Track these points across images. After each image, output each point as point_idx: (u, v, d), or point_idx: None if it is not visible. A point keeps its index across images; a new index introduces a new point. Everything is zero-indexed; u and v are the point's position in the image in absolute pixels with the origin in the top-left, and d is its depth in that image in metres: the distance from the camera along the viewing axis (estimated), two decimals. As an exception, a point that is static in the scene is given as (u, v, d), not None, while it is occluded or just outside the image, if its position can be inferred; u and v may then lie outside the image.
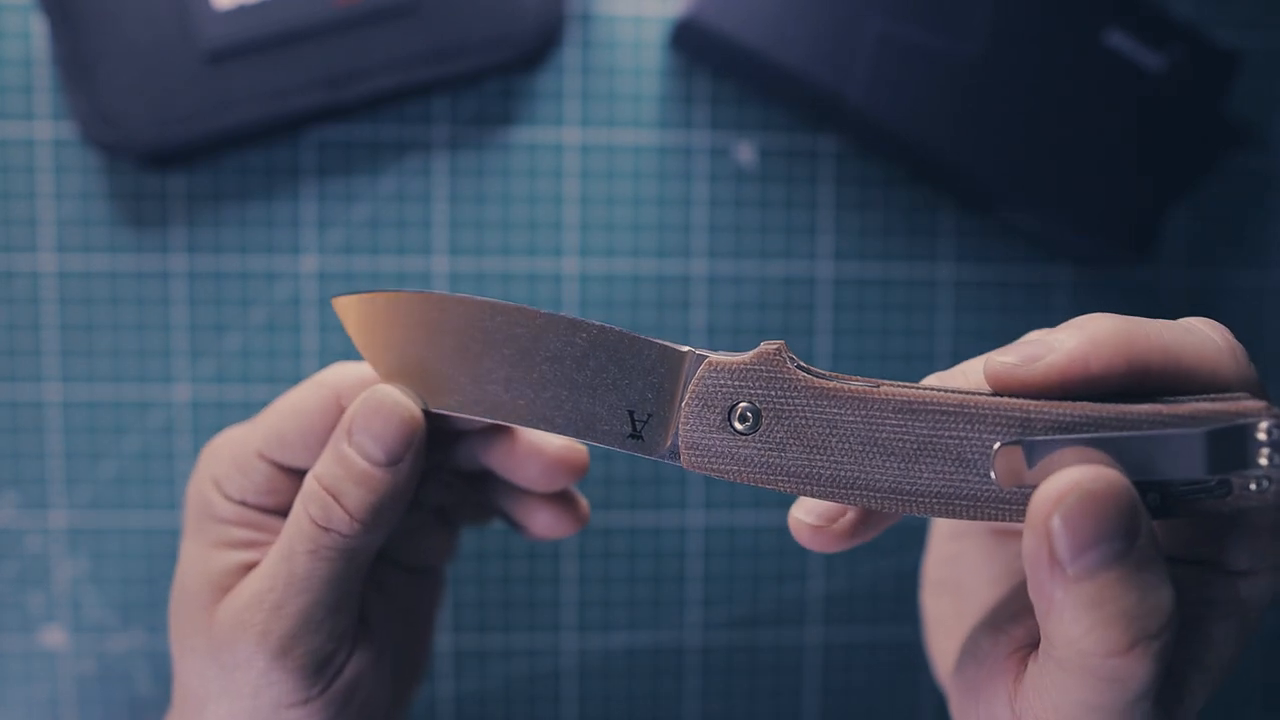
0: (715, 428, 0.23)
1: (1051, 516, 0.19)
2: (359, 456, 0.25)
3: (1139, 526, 0.19)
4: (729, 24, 0.39)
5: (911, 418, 0.21)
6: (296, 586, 0.25)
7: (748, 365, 0.23)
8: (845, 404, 0.22)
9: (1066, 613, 0.19)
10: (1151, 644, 0.19)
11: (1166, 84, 0.40)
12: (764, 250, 0.44)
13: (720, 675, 0.45)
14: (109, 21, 0.38)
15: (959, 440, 0.21)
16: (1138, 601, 0.19)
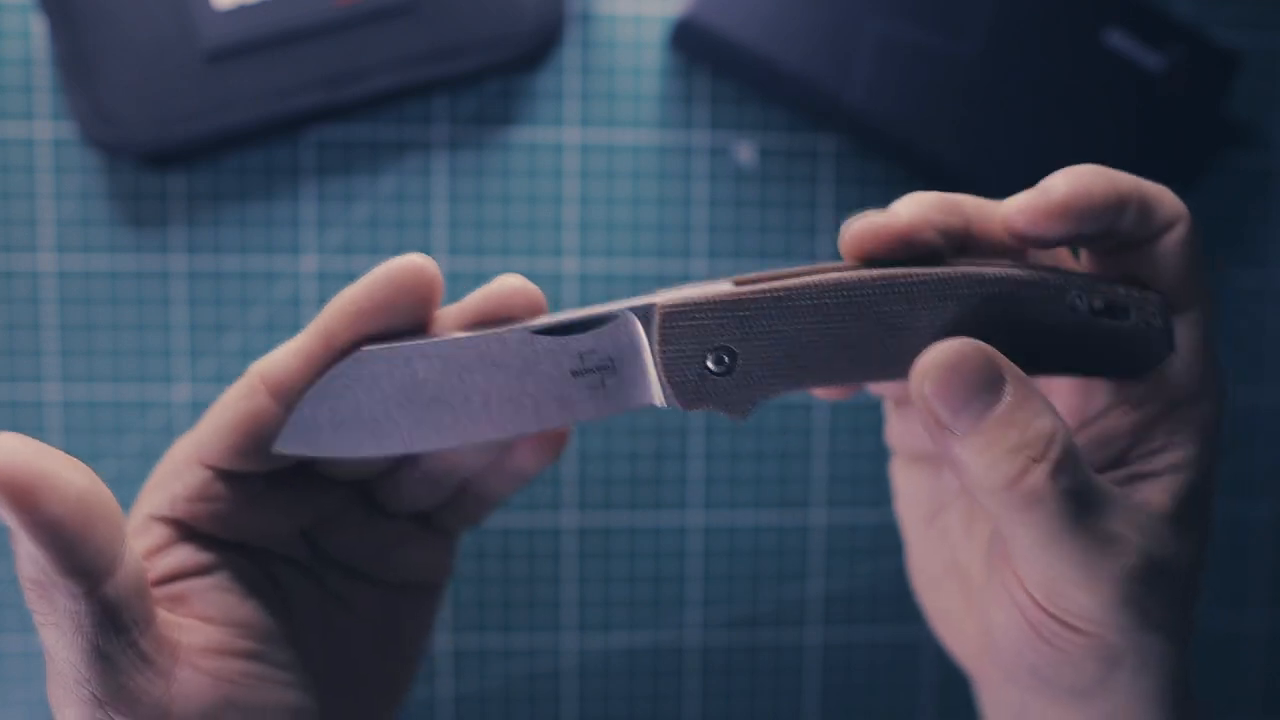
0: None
1: (922, 392, 0.22)
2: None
3: (1001, 377, 0.22)
4: (728, 24, 0.39)
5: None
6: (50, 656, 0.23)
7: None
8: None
9: (966, 462, 0.22)
10: (1043, 464, 0.22)
11: (1166, 84, 0.40)
12: (764, 250, 0.44)
13: (720, 675, 0.45)
14: (109, 21, 0.38)
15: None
16: (1020, 435, 0.22)
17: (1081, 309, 0.23)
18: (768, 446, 0.44)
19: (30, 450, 0.20)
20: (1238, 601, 0.46)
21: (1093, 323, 0.23)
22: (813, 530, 0.45)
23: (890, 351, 0.23)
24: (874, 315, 0.23)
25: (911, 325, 0.23)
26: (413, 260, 0.25)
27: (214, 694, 0.24)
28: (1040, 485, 0.22)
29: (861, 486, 0.45)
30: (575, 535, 0.44)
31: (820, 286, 0.23)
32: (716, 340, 0.23)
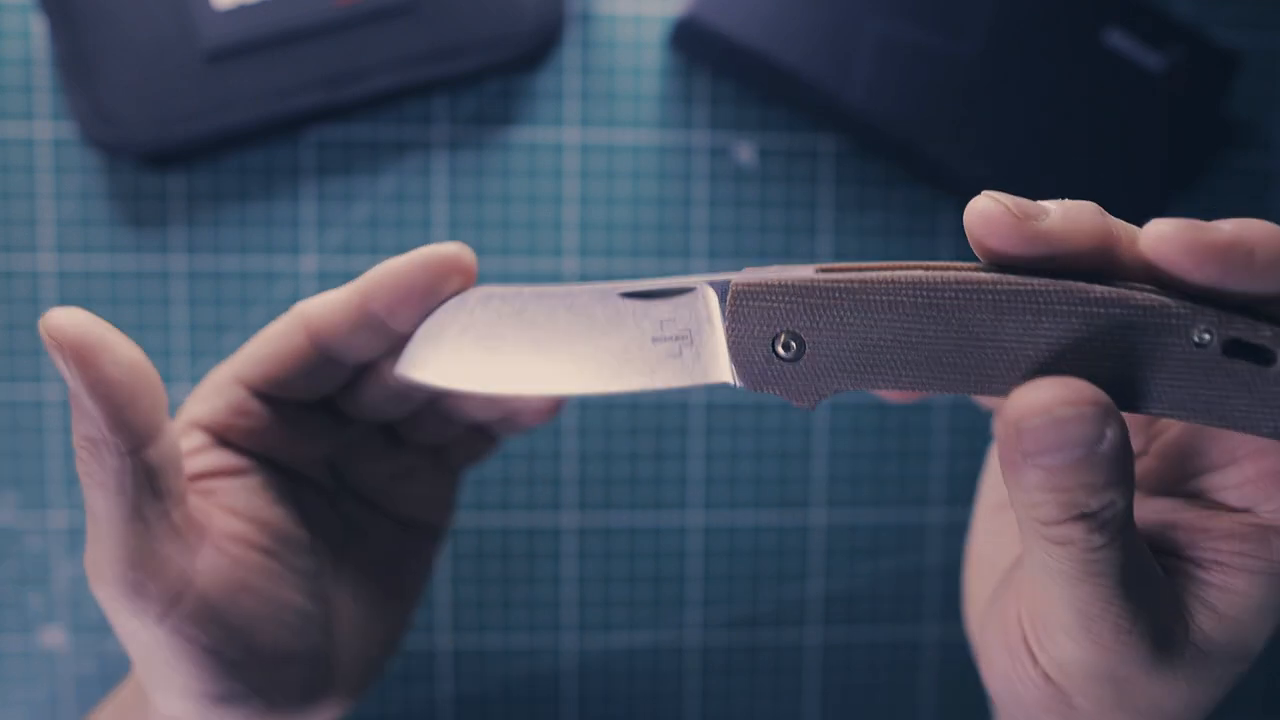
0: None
1: (1021, 421, 0.19)
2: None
3: (1102, 436, 0.19)
4: (728, 23, 0.39)
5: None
6: (106, 523, 0.25)
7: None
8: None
9: (1022, 486, 0.20)
10: (1098, 529, 0.20)
11: (1166, 84, 0.40)
12: (764, 250, 0.44)
13: (720, 675, 0.45)
14: (108, 21, 0.38)
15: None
16: (1084, 493, 0.19)
17: (1210, 346, 0.20)
18: (768, 446, 0.44)
19: (92, 320, 0.23)
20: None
21: (1222, 364, 0.20)
22: (813, 530, 0.45)
23: (969, 363, 0.21)
24: (955, 321, 0.21)
25: (996, 338, 0.21)
26: (459, 250, 0.26)
27: (232, 575, 0.26)
28: (1080, 535, 0.20)
29: (861, 486, 0.45)
30: (575, 535, 0.44)
31: (900, 283, 0.21)
32: (785, 325, 0.22)
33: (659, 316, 0.24)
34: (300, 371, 0.27)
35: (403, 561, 0.32)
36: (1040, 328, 0.20)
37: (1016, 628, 0.24)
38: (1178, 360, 0.20)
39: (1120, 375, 0.20)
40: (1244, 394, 0.20)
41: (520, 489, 0.43)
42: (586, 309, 0.25)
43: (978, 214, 0.20)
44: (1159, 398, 0.20)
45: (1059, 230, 0.20)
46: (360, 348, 0.27)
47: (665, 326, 0.24)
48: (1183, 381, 0.20)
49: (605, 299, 0.25)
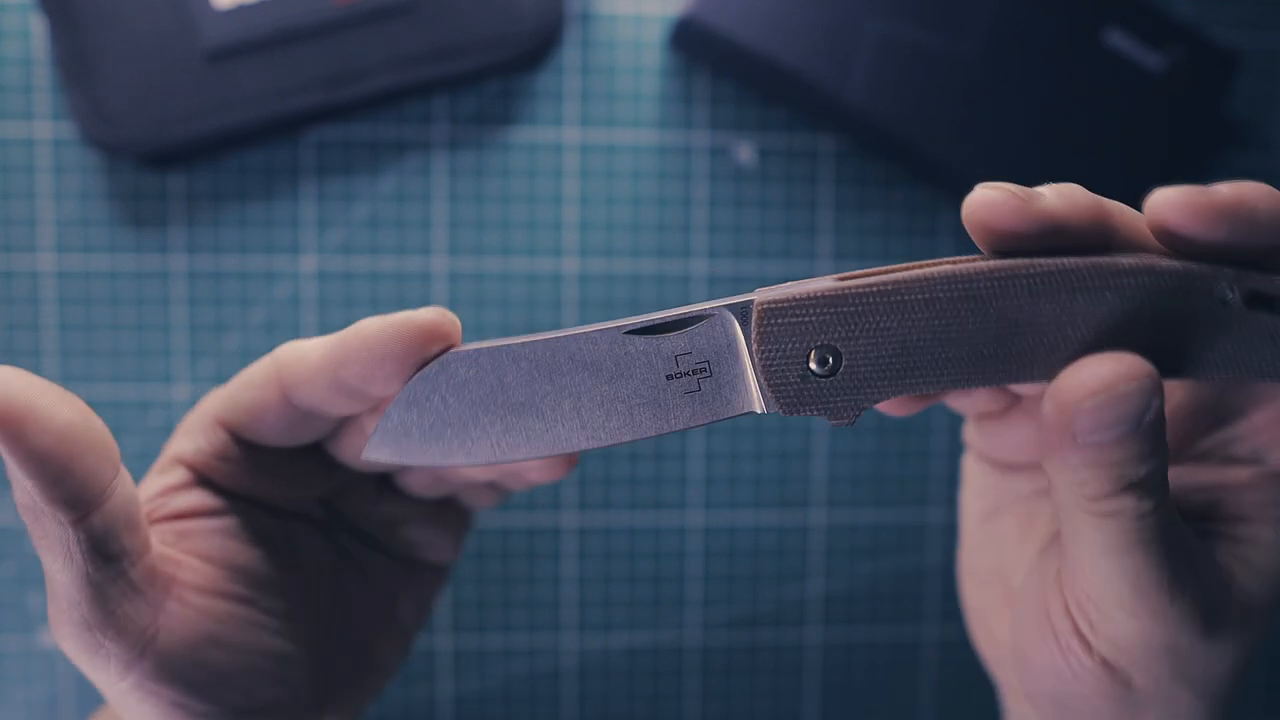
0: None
1: (1079, 403, 0.20)
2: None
3: (1151, 406, 0.20)
4: (728, 23, 0.39)
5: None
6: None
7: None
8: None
9: (1070, 465, 0.20)
10: (1143, 496, 0.20)
11: (1166, 84, 0.40)
12: (763, 250, 0.44)
13: (720, 675, 0.45)
14: (108, 21, 0.38)
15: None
16: (1133, 468, 0.20)
17: (1234, 301, 0.20)
18: (768, 446, 0.44)
19: (21, 383, 0.21)
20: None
21: (1247, 317, 0.20)
22: (813, 530, 0.45)
23: (1010, 351, 0.21)
24: (993, 310, 0.21)
25: (1035, 320, 0.21)
26: (438, 317, 0.24)
27: (199, 628, 0.25)
28: (1131, 508, 0.21)
29: (861, 486, 0.45)
30: (575, 535, 0.44)
31: (933, 279, 0.21)
32: (819, 339, 0.21)
33: (672, 351, 0.23)
34: (277, 424, 0.26)
35: (398, 599, 0.30)
36: (1076, 306, 0.21)
37: (1065, 619, 0.23)
38: (1207, 319, 0.20)
39: (1156, 342, 0.21)
40: (1269, 344, 0.21)
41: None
42: (589, 354, 0.23)
43: (980, 201, 0.21)
44: (1193, 360, 0.21)
45: (1059, 207, 0.21)
46: (337, 408, 0.25)
47: (681, 361, 0.23)
48: (1214, 340, 0.21)
49: (610, 341, 0.23)
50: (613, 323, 0.23)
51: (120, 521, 0.23)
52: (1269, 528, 0.22)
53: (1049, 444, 0.21)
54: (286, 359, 0.25)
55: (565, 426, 0.23)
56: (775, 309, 0.22)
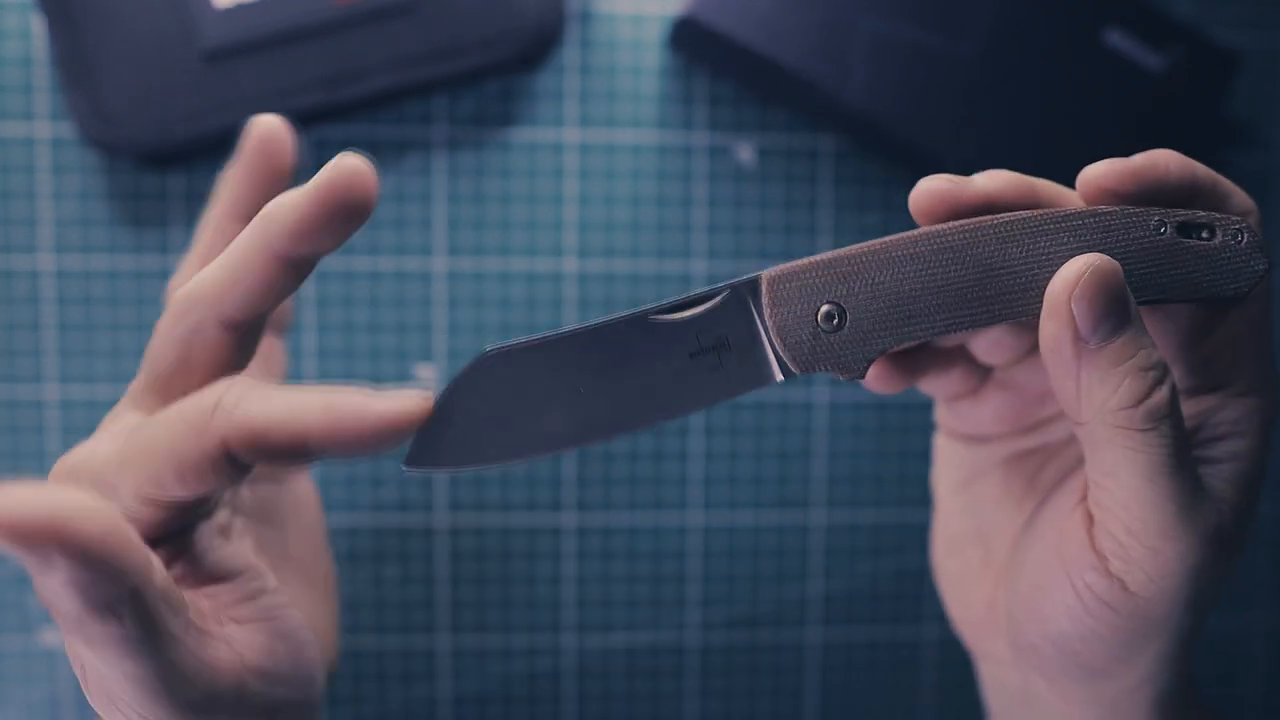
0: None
1: (1070, 299, 0.23)
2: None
3: (1130, 297, 0.23)
4: (728, 23, 0.39)
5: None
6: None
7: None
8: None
9: (1095, 382, 0.23)
10: (1165, 385, 0.23)
11: (1166, 84, 0.40)
12: (763, 250, 0.44)
13: (720, 675, 0.45)
14: (108, 21, 0.38)
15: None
16: (1146, 355, 0.23)
17: (1167, 232, 0.24)
18: (768, 446, 0.44)
19: (34, 495, 0.20)
20: (1238, 601, 0.46)
21: (1179, 244, 0.24)
22: (813, 530, 0.45)
23: (990, 293, 0.24)
24: (968, 258, 0.24)
25: (1006, 263, 0.24)
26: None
27: (263, 634, 0.25)
28: (1165, 404, 0.23)
29: (861, 486, 0.45)
30: (575, 535, 0.44)
31: (915, 237, 0.24)
32: (825, 297, 0.24)
33: (693, 329, 0.25)
34: (211, 480, 0.23)
35: (293, 509, 0.31)
36: (1038, 247, 0.24)
37: (1087, 560, 0.25)
38: (1147, 250, 0.24)
39: None
40: (1202, 266, 0.24)
41: (520, 489, 0.43)
42: (620, 340, 0.24)
43: (922, 189, 0.25)
44: (1142, 285, 0.24)
45: (990, 186, 0.25)
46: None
47: (702, 338, 0.25)
48: (1156, 267, 0.24)
49: (638, 325, 0.24)
50: (638, 309, 0.25)
51: (166, 576, 0.22)
52: (1243, 440, 0.25)
53: (1063, 368, 0.23)
54: (239, 438, 0.22)
55: (601, 413, 0.24)
56: (783, 277, 0.25)
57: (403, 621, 0.43)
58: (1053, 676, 0.27)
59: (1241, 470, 0.25)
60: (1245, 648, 0.47)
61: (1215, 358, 0.25)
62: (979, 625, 0.31)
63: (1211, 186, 0.25)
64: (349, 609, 0.43)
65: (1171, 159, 0.25)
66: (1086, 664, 0.26)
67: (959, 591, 0.31)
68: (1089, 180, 0.25)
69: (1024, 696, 0.29)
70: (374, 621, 0.43)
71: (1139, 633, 0.25)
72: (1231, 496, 0.25)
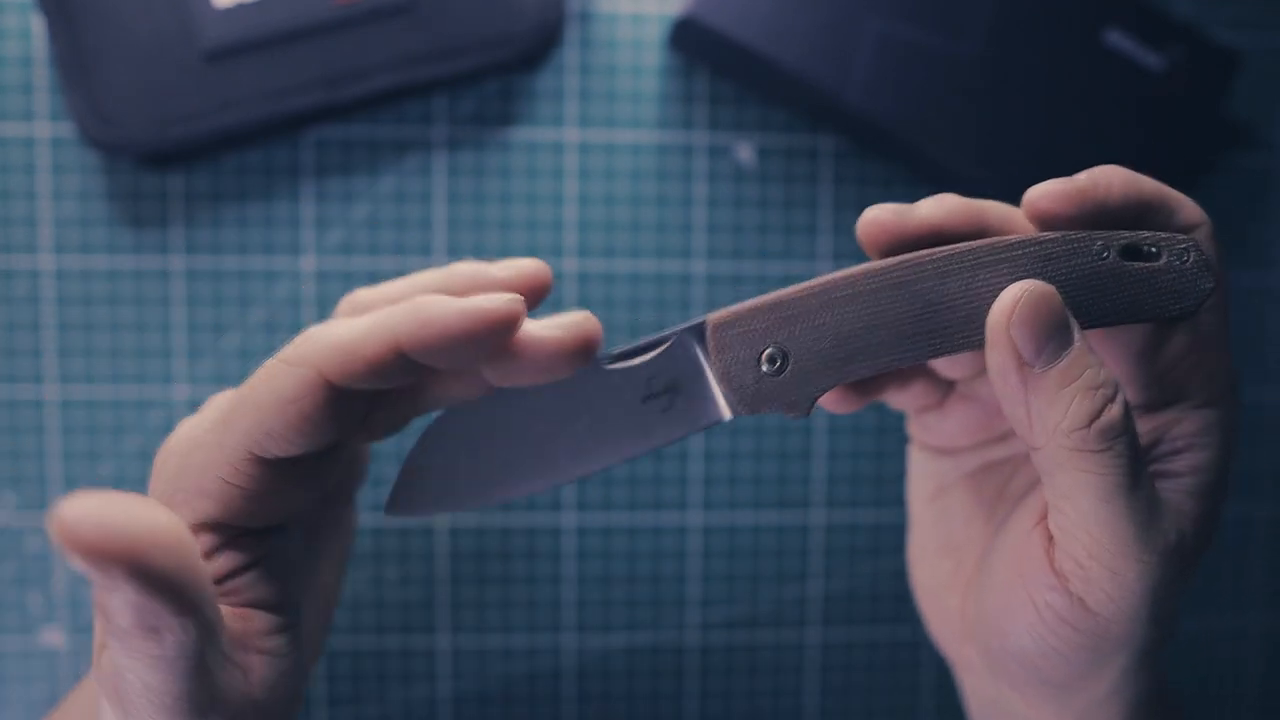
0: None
1: (1008, 327, 0.23)
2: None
3: (1069, 318, 0.23)
4: (728, 23, 0.39)
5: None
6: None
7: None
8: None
9: (1045, 405, 0.23)
10: (1116, 403, 0.23)
11: (1166, 84, 0.40)
12: (763, 250, 0.44)
13: (720, 675, 0.45)
14: (107, 20, 0.38)
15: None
16: (1093, 374, 0.23)
17: (1110, 257, 0.24)
18: (768, 446, 0.44)
19: (111, 511, 0.20)
20: (1238, 601, 0.46)
21: (1124, 268, 0.24)
22: (813, 530, 0.45)
23: (930, 327, 0.24)
24: (908, 294, 0.24)
25: (945, 299, 0.24)
26: (512, 306, 0.23)
27: (274, 669, 0.25)
28: (1118, 422, 0.23)
29: (861, 486, 0.45)
30: (575, 535, 0.44)
31: (855, 276, 0.24)
32: (767, 342, 0.25)
33: (644, 375, 0.25)
34: (324, 425, 0.24)
35: (331, 533, 0.31)
36: (977, 280, 0.24)
37: (1046, 581, 0.25)
38: (1091, 275, 0.24)
39: None
40: (1148, 288, 0.24)
41: (520, 489, 0.43)
42: (574, 389, 0.25)
43: (867, 220, 0.25)
44: (1087, 311, 0.24)
45: (934, 213, 0.24)
46: (395, 382, 0.24)
47: (652, 384, 0.25)
48: (1100, 292, 0.24)
49: (591, 374, 0.25)
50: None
51: (214, 596, 0.23)
52: (1203, 453, 0.25)
53: (1012, 395, 0.23)
54: (327, 357, 0.23)
55: (563, 458, 0.25)
56: (725, 323, 0.25)
57: (403, 621, 0.43)
58: (1021, 689, 0.27)
59: (1202, 483, 0.25)
60: (1243, 648, 0.47)
61: (1169, 372, 0.25)
62: (953, 635, 0.31)
63: (1160, 201, 0.24)
64: (349, 609, 0.43)
65: (1114, 175, 0.24)
66: (1050, 679, 0.26)
67: (933, 602, 0.31)
68: (1031, 204, 0.24)
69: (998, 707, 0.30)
70: (374, 621, 0.43)
71: (1100, 650, 0.24)
72: (1192, 510, 0.24)
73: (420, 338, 0.23)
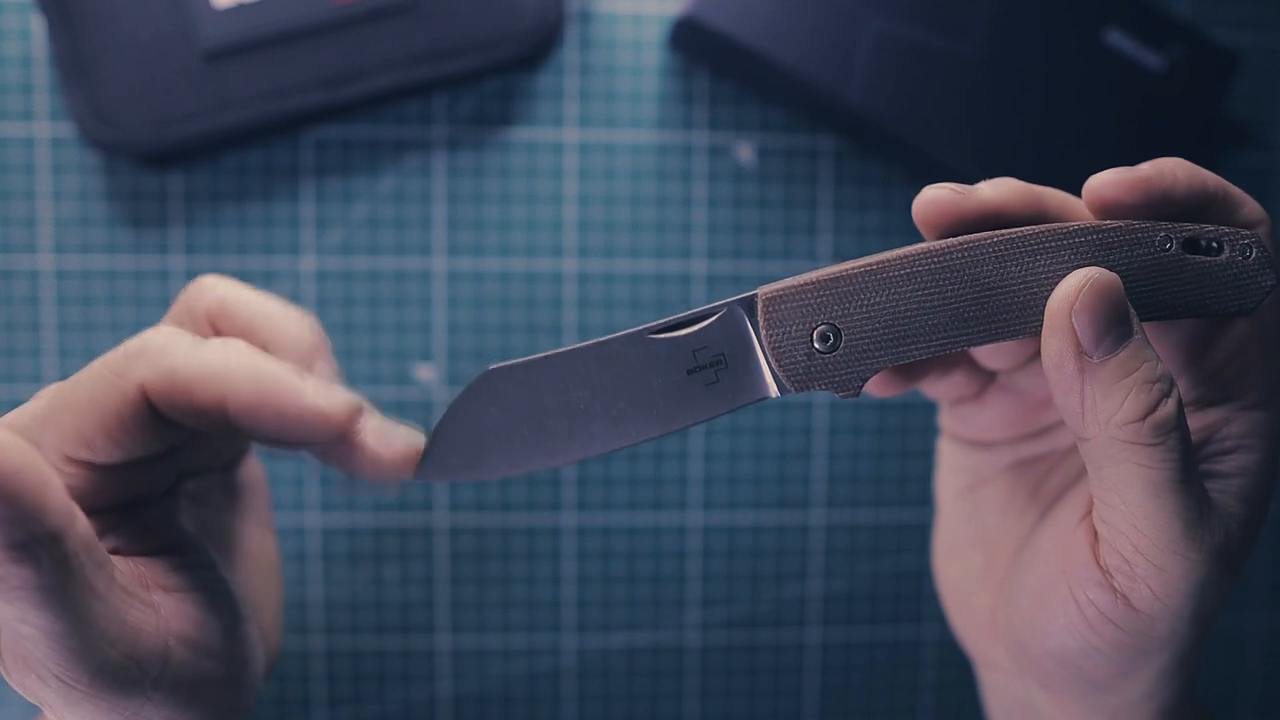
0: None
1: (1070, 314, 0.22)
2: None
3: (1131, 309, 0.23)
4: (728, 23, 0.39)
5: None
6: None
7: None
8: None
9: (1100, 396, 0.23)
10: (1171, 398, 0.22)
11: (1166, 84, 0.40)
12: (763, 250, 0.44)
13: (720, 675, 0.45)
14: (107, 20, 0.38)
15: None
16: (1151, 367, 0.23)
17: (1173, 249, 0.23)
18: (768, 446, 0.44)
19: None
20: (1238, 601, 0.46)
21: (1185, 260, 0.23)
22: (813, 530, 0.45)
23: (986, 312, 0.24)
24: (967, 277, 0.24)
25: (1004, 282, 0.24)
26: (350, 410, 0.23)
27: (193, 604, 0.24)
28: (1172, 417, 0.22)
29: (861, 486, 0.45)
30: (575, 535, 0.44)
31: (913, 256, 0.24)
32: (820, 318, 0.24)
33: (690, 347, 0.25)
34: (141, 439, 0.23)
35: (243, 496, 0.30)
36: (1038, 265, 0.23)
37: (1092, 577, 0.24)
38: (1151, 267, 0.23)
39: None
40: (1208, 282, 0.24)
41: (520, 489, 0.43)
42: (619, 358, 0.25)
43: (926, 199, 0.24)
44: (1146, 303, 0.24)
45: (995, 196, 0.24)
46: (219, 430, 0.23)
47: (699, 355, 0.25)
48: (1160, 284, 0.24)
49: (634, 344, 0.25)
50: (637, 328, 0.25)
51: (88, 528, 0.21)
52: (1251, 455, 0.24)
53: (1066, 384, 0.23)
54: (154, 380, 0.22)
55: (600, 427, 0.25)
56: (778, 297, 0.24)
57: (403, 621, 0.43)
58: (1053, 689, 0.27)
59: (1249, 485, 0.24)
60: (1244, 648, 0.47)
61: (1223, 369, 0.25)
62: (979, 633, 0.30)
63: (1222, 196, 0.24)
64: (349, 609, 0.43)
65: (1179, 168, 0.24)
66: (1088, 678, 0.26)
67: (959, 599, 0.31)
68: (1094, 190, 0.24)
69: (1024, 706, 0.29)
70: (374, 621, 0.43)
71: (1142, 649, 0.24)
72: (1239, 511, 0.24)
73: (252, 409, 0.22)
